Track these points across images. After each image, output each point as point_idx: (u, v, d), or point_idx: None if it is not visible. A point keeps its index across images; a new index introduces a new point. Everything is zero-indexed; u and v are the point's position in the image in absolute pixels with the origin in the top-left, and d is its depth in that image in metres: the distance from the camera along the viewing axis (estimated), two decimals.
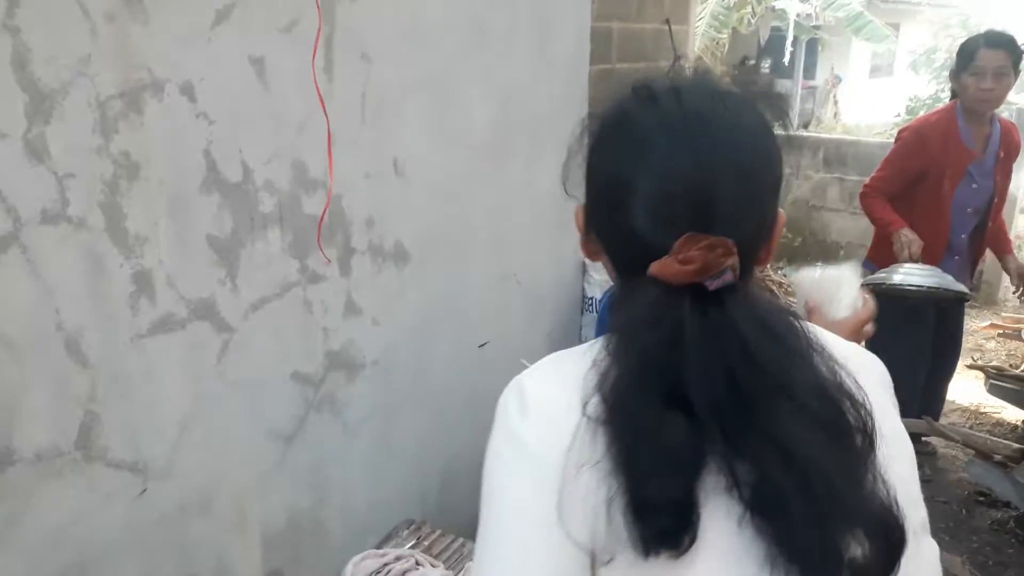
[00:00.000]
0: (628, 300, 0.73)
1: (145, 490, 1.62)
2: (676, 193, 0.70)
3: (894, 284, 2.75)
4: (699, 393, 0.65)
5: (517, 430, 0.72)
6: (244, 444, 1.80)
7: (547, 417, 0.71)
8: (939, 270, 2.83)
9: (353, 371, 2.04)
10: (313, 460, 1.98)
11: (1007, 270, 3.26)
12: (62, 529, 1.49)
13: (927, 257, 3.06)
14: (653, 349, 0.68)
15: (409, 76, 2.01)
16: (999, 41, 2.95)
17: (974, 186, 3.07)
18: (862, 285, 1.19)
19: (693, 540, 0.64)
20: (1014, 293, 3.30)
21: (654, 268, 0.69)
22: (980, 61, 2.92)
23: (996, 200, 3.15)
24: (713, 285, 0.68)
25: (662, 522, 0.64)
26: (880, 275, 2.81)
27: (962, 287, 2.81)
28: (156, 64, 1.47)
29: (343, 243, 1.93)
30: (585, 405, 0.68)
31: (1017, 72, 2.94)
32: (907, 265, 2.82)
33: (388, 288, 2.09)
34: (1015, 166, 3.30)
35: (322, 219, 1.85)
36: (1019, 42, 2.97)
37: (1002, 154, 3.09)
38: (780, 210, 0.77)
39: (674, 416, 0.65)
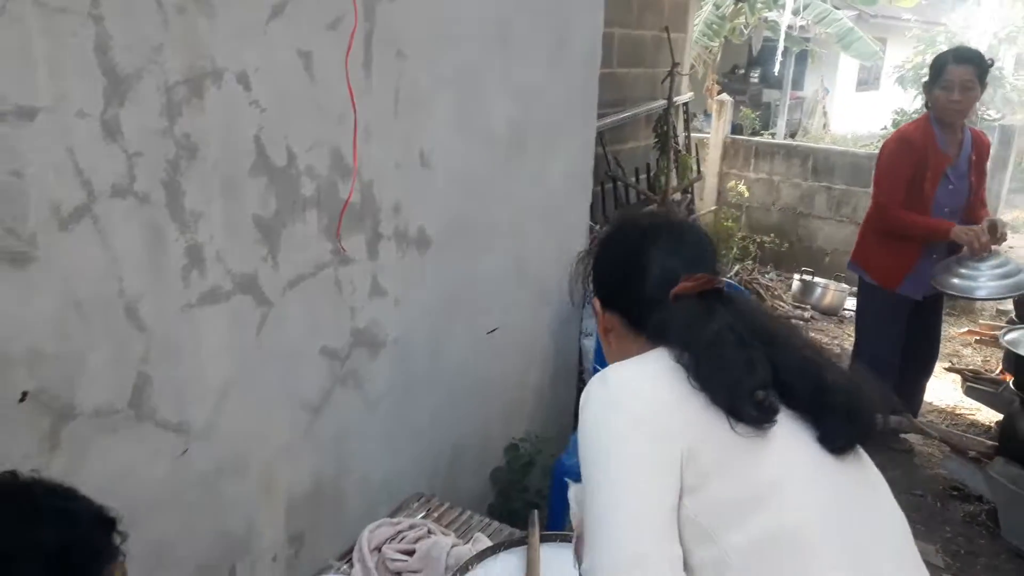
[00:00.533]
0: (673, 318, 1.12)
1: (187, 450, 1.74)
2: (677, 256, 1.19)
3: None
4: (749, 337, 1.08)
5: (607, 398, 1.07)
6: (276, 412, 1.93)
7: (628, 386, 1.08)
8: (1003, 256, 3.16)
9: (375, 348, 2.17)
10: (336, 431, 2.11)
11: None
12: (114, 481, 1.60)
13: (907, 257, 3.32)
14: (716, 324, 1.09)
15: (438, 73, 2.15)
16: (966, 57, 3.20)
17: (951, 187, 3.29)
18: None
19: (775, 417, 1.03)
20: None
21: (677, 289, 1.14)
22: (949, 75, 3.17)
23: (972, 200, 3.36)
24: (720, 284, 1.17)
25: (766, 401, 1.03)
26: (996, 285, 3.11)
27: None
28: (218, 54, 1.59)
29: (372, 227, 2.06)
30: (680, 362, 1.08)
31: (983, 85, 3.19)
32: (993, 261, 3.12)
33: (410, 272, 2.22)
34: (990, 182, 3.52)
35: (343, 212, 1.96)
36: (985, 57, 3.20)
37: (974, 157, 3.34)
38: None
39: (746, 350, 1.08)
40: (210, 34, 1.57)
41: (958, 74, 3.14)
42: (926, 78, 3.36)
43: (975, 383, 4.19)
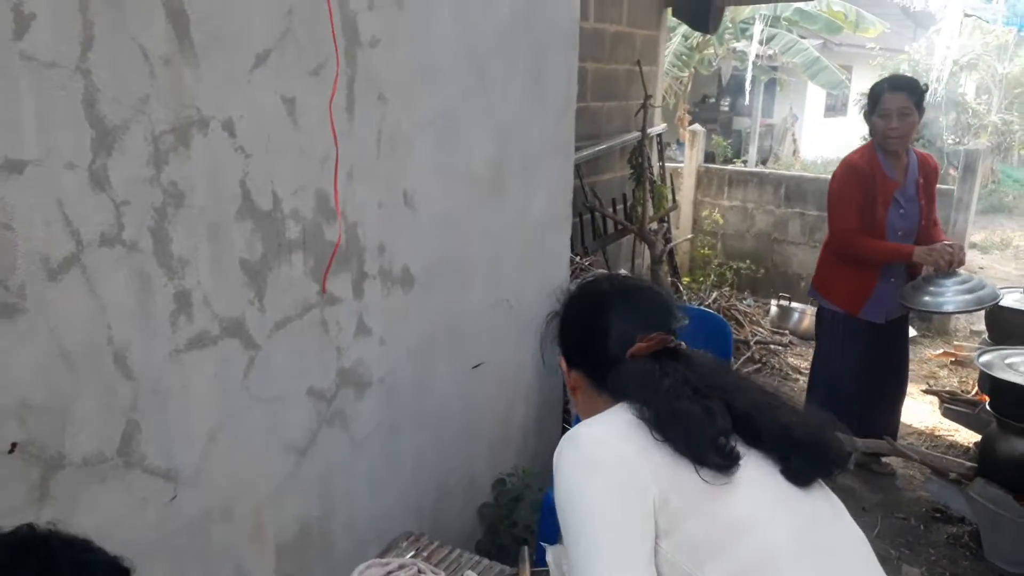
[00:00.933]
0: (629, 376, 1.22)
1: (175, 496, 1.73)
2: (633, 319, 1.28)
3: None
4: (704, 388, 1.18)
5: (578, 457, 1.15)
6: (263, 456, 1.92)
7: (598, 443, 1.16)
8: (966, 273, 3.29)
9: (361, 388, 2.18)
10: (323, 472, 2.10)
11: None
12: (103, 531, 1.56)
13: (866, 281, 3.40)
14: (670, 380, 1.19)
15: (419, 115, 2.18)
16: (900, 85, 3.30)
17: (901, 211, 3.37)
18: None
19: (738, 463, 1.11)
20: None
21: (632, 350, 1.24)
22: (885, 104, 3.26)
23: (923, 223, 3.43)
24: (673, 343, 1.26)
25: (727, 447, 1.11)
26: (963, 299, 3.21)
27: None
28: (203, 103, 1.61)
29: (357, 267, 2.08)
30: (642, 416, 1.16)
31: (921, 111, 3.28)
32: (957, 278, 3.25)
33: (395, 311, 2.24)
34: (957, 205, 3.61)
35: (332, 256, 1.98)
36: (921, 83, 3.30)
37: (922, 180, 3.41)
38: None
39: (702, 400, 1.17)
40: (196, 84, 1.59)
41: (894, 102, 3.23)
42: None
43: (952, 404, 4.26)
